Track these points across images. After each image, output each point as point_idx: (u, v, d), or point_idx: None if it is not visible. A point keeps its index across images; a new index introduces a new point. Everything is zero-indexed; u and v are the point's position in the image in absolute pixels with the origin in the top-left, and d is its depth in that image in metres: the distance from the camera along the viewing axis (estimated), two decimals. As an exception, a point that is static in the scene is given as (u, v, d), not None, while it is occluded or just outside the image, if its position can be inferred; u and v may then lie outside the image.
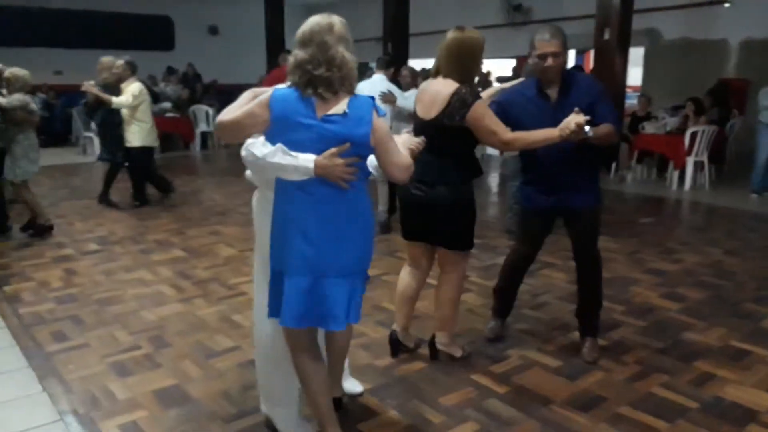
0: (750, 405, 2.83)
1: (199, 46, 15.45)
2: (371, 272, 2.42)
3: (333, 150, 2.06)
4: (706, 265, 4.89)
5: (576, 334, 3.46)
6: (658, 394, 2.92)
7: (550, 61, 2.94)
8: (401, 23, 10.87)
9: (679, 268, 4.82)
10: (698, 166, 7.93)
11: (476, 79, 3.17)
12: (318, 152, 2.07)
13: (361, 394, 2.85)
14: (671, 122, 8.60)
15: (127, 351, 3.36)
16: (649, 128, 8.05)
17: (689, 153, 7.71)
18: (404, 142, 2.41)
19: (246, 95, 2.19)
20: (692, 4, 10.51)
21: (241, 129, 2.15)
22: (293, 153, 2.07)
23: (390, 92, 5.58)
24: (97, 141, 8.95)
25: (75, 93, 12.08)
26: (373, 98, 2.19)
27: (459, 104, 2.84)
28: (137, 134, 6.64)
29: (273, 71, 8.76)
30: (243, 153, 2.19)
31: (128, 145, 6.68)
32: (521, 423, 2.68)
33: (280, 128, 2.11)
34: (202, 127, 12.00)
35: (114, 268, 4.74)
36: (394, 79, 6.18)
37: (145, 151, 6.82)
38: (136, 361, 3.25)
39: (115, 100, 6.41)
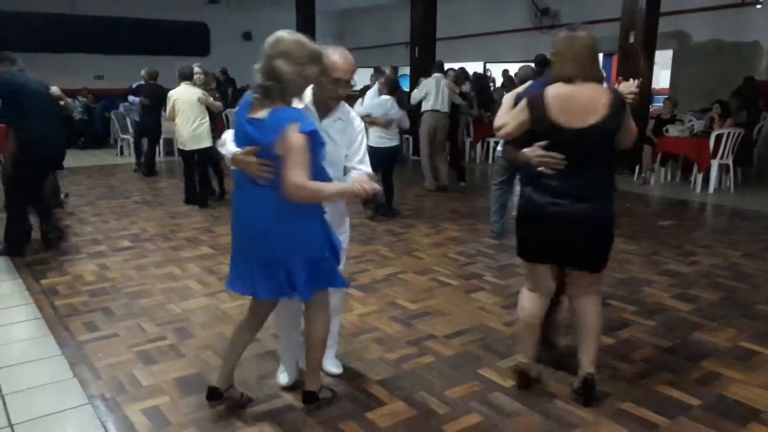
0: (753, 404, 2.87)
1: (234, 51, 15.80)
2: (389, 270, 2.54)
3: (248, 148, 2.40)
4: (722, 267, 4.89)
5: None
6: (662, 392, 2.98)
7: None
8: (428, 28, 10.99)
9: (695, 270, 4.83)
10: (723, 168, 7.86)
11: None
12: (241, 148, 2.44)
13: (339, 375, 3.10)
14: (698, 125, 8.53)
15: (153, 341, 3.55)
16: (672, 131, 8.01)
17: (714, 156, 7.65)
18: (357, 180, 2.55)
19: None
20: (722, 6, 10.40)
21: None
22: (229, 145, 2.52)
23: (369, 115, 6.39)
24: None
25: (115, 96, 12.63)
26: (300, 114, 2.37)
27: (618, 108, 2.67)
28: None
29: None
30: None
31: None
32: (524, 416, 2.78)
33: (235, 125, 2.56)
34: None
35: (145, 264, 4.97)
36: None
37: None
38: (161, 350, 3.44)
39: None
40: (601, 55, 6.33)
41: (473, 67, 15.00)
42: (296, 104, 2.48)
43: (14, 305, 4.13)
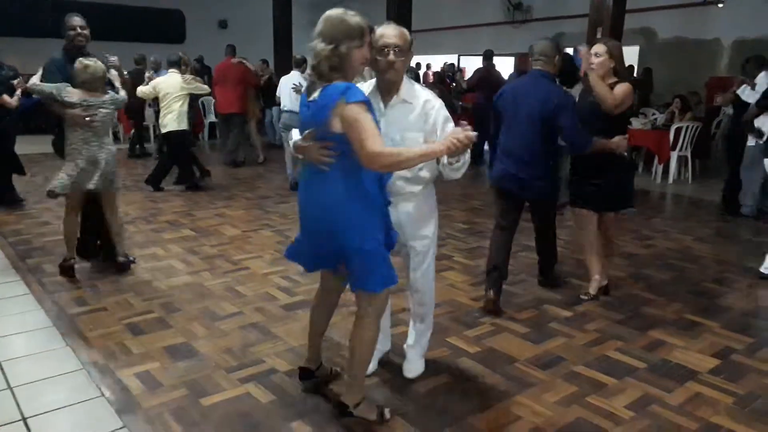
0: (692, 366, 3.19)
1: (209, 39, 15.83)
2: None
3: (306, 133, 2.34)
4: (675, 250, 5.26)
5: (546, 307, 3.89)
6: (611, 357, 3.29)
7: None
8: (404, 20, 11.19)
9: (650, 252, 5.19)
10: (682, 160, 8.27)
11: None
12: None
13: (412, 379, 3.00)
14: (661, 118, 8.94)
15: (141, 314, 3.75)
16: (635, 124, 8.39)
17: (674, 148, 8.05)
18: (450, 133, 2.31)
19: None
20: (686, 4, 10.83)
21: None
22: (294, 135, 2.46)
23: (300, 84, 6.97)
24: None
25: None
26: (345, 86, 2.23)
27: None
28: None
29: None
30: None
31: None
32: (487, 377, 3.06)
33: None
34: (210, 117, 12.38)
35: (128, 245, 5.11)
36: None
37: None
38: (149, 323, 3.64)
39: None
40: (571, 50, 6.64)
41: (449, 60, 15.31)
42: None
43: (1, 282, 4.27)
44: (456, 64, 15.02)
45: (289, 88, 7.58)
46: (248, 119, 9.61)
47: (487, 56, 9.91)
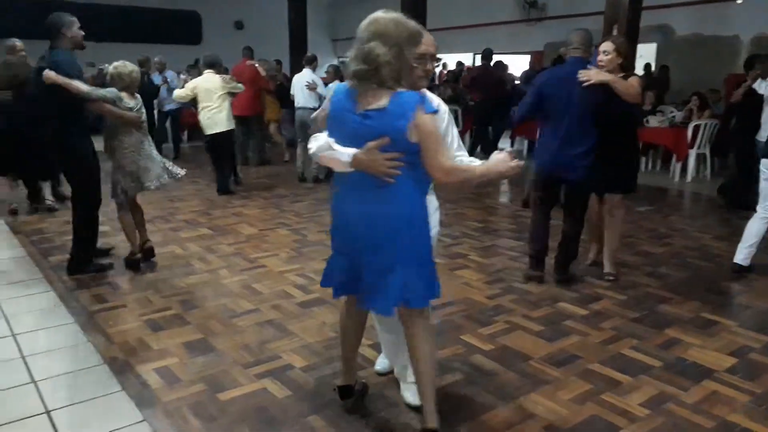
0: (708, 365, 3.18)
1: (225, 40, 15.95)
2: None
3: (370, 144, 2.11)
4: (692, 248, 5.22)
5: (561, 305, 3.90)
6: (627, 355, 3.29)
7: None
8: (419, 19, 11.18)
9: (667, 250, 5.16)
10: (701, 158, 8.19)
11: None
12: (359, 147, 2.14)
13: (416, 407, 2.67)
14: (679, 116, 8.86)
15: (160, 311, 3.81)
16: (652, 122, 8.33)
17: (692, 146, 7.97)
18: (500, 160, 2.29)
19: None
20: (705, 1, 10.71)
21: (322, 125, 2.37)
22: (336, 147, 2.17)
23: (313, 81, 7.78)
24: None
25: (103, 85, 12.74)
26: (420, 95, 2.17)
27: None
28: None
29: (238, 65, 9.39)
30: (308, 146, 2.34)
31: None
32: (501, 374, 3.07)
33: (334, 122, 2.26)
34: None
35: (146, 243, 5.21)
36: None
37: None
38: (168, 319, 3.70)
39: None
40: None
41: (464, 59, 15.30)
42: None
43: (24, 279, 4.36)
44: (463, 62, 15.02)
45: (302, 85, 7.90)
46: (266, 120, 9.65)
47: (486, 55, 9.96)
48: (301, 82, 7.96)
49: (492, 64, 10.09)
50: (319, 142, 2.25)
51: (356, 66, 2.12)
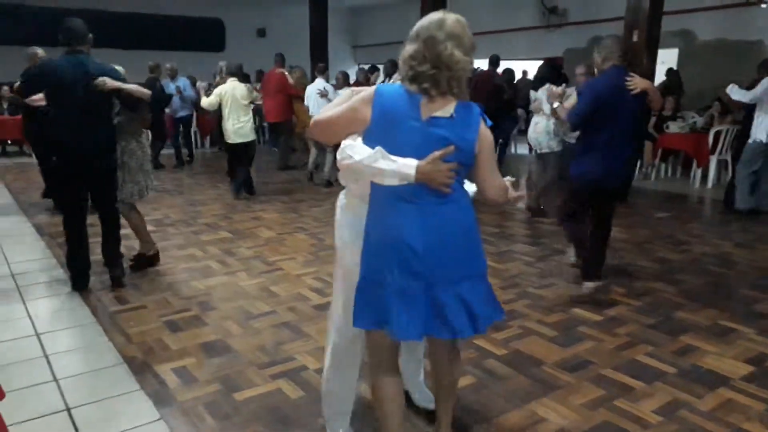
0: (724, 373, 3.15)
1: (248, 47, 16.19)
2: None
3: (436, 154, 1.92)
4: (711, 255, 5.17)
5: (575, 311, 3.88)
6: (641, 361, 3.27)
7: None
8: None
9: (685, 257, 5.11)
10: (722, 164, 8.09)
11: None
12: (418, 156, 1.93)
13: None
14: (700, 122, 8.77)
15: (179, 312, 3.89)
16: (673, 127, 8.25)
17: (713, 152, 7.88)
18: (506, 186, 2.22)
19: (345, 93, 2.16)
20: (728, 5, 10.58)
21: (339, 128, 2.06)
22: (393, 157, 1.93)
23: (325, 89, 8.19)
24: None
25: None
26: (479, 108, 2.06)
27: None
28: None
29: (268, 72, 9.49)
30: (339, 156, 2.05)
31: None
32: (513, 379, 3.08)
33: (381, 128, 1.98)
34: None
35: (168, 246, 5.31)
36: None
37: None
38: (186, 320, 3.77)
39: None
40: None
41: (483, 65, 15.29)
42: None
43: (48, 281, 4.47)
44: (476, 69, 15.06)
45: (314, 93, 8.28)
46: (295, 127, 9.58)
47: (492, 61, 9.89)
48: (314, 90, 8.37)
49: (501, 71, 10.02)
50: (361, 150, 1.98)
51: (424, 68, 1.94)
